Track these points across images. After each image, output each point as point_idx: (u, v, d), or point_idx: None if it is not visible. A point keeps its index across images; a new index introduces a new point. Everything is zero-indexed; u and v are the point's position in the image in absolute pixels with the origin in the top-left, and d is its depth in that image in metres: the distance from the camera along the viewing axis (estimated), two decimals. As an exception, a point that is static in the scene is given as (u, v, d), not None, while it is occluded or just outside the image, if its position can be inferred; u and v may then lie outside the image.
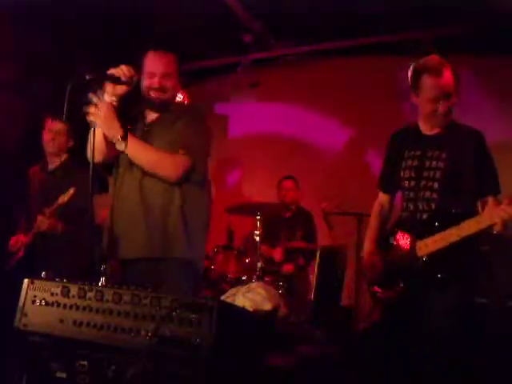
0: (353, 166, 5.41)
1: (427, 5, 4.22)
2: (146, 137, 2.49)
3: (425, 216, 2.58)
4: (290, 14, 4.63)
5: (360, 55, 5.19)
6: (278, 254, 4.60)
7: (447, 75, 2.54)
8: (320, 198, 4.79)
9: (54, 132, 3.71)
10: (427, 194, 2.59)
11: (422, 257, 2.51)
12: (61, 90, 2.07)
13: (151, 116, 2.59)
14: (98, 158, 2.40)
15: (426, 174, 2.61)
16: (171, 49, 2.55)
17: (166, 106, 2.57)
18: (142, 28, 4.70)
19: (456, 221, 2.43)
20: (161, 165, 2.41)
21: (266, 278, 4.12)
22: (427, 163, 2.61)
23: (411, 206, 2.64)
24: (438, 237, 2.47)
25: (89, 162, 2.13)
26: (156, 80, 2.50)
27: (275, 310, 1.99)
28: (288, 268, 4.55)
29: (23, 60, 4.54)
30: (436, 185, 2.57)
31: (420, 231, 2.54)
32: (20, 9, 4.27)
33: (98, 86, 2.22)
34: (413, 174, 2.65)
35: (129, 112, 2.57)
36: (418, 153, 2.65)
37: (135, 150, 2.37)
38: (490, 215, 2.36)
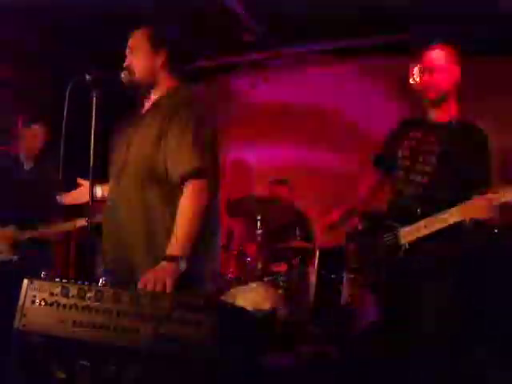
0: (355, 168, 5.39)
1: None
2: (133, 132, 2.27)
3: (410, 201, 2.57)
4: (290, 13, 4.63)
5: (366, 55, 5.18)
6: None
7: (434, 52, 2.62)
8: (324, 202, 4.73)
9: None
10: (418, 177, 2.59)
11: (405, 244, 2.50)
12: (61, 91, 2.06)
13: (145, 107, 2.34)
14: None
15: (421, 158, 2.61)
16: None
17: (147, 91, 2.28)
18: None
19: (439, 209, 2.42)
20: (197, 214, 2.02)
21: (266, 278, 4.12)
22: (424, 147, 2.62)
23: (401, 188, 2.64)
24: (420, 224, 2.47)
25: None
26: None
27: (275, 310, 1.98)
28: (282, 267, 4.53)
29: (23, 60, 4.54)
30: (428, 168, 2.57)
31: (404, 218, 2.54)
32: (20, 9, 4.27)
33: (98, 86, 2.12)
34: (408, 154, 2.65)
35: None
36: (419, 135, 2.66)
37: (188, 244, 1.97)
38: (463, 209, 2.36)
